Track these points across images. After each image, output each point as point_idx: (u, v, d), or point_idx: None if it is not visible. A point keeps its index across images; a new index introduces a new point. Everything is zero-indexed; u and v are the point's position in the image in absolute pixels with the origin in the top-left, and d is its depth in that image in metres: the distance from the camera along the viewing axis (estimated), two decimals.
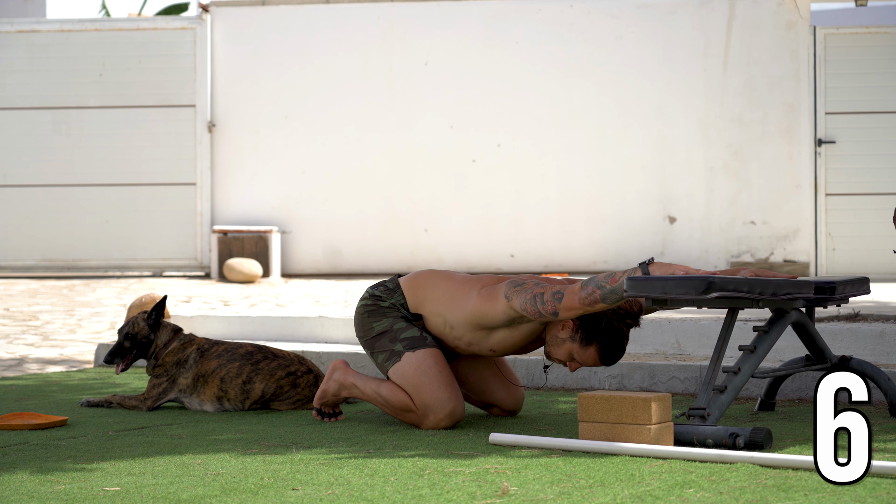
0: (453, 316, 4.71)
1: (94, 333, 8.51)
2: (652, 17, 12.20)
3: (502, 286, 4.60)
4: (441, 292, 4.77)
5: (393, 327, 4.78)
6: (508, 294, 4.55)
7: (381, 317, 4.81)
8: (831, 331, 5.80)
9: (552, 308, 4.44)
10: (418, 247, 12.37)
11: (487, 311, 4.62)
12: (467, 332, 4.71)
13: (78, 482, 3.79)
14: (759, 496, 3.39)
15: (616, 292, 4.32)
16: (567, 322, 4.57)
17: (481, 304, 4.64)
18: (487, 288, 4.66)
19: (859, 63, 11.89)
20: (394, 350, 4.75)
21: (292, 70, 12.48)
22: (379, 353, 4.79)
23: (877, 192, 11.84)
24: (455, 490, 3.57)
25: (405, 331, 4.76)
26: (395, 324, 4.78)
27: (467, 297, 4.69)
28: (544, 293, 4.47)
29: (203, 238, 12.48)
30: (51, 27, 12.57)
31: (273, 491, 3.61)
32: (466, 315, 4.67)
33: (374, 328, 4.81)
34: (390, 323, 4.79)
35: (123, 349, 5.47)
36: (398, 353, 4.74)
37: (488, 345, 4.72)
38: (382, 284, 4.88)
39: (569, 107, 12.25)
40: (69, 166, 12.54)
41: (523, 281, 4.58)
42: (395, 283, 4.86)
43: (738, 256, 12.10)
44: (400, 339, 4.75)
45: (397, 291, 4.83)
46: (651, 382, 5.74)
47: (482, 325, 4.66)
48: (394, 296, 4.82)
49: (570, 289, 4.43)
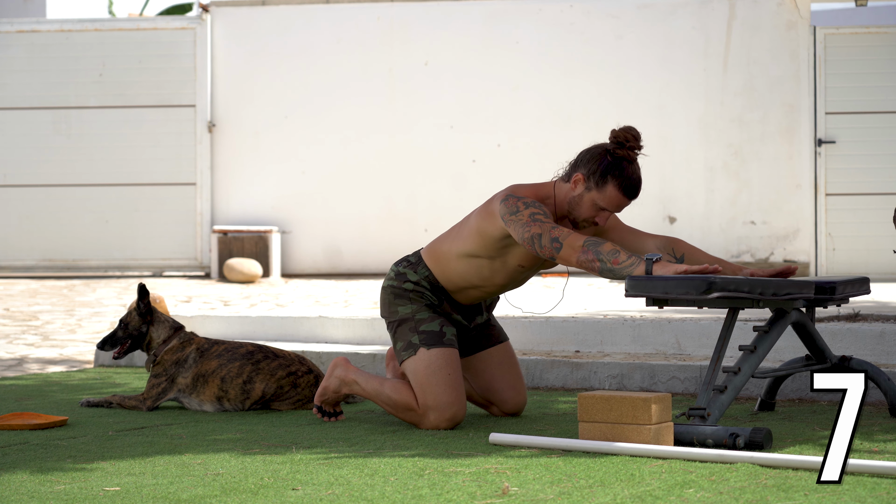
0: (466, 245, 4.78)
1: (94, 333, 8.51)
2: (652, 17, 12.20)
3: (496, 203, 4.66)
4: (451, 237, 4.85)
5: (415, 316, 4.82)
6: (504, 218, 4.61)
7: (406, 301, 4.86)
8: (831, 331, 5.80)
9: (549, 254, 4.51)
10: (418, 246, 12.36)
11: (488, 228, 4.70)
12: (488, 250, 4.73)
13: (78, 482, 3.79)
14: (759, 496, 3.39)
15: (614, 273, 4.36)
16: (575, 177, 4.62)
17: (481, 222, 4.72)
18: (483, 206, 4.72)
19: (859, 63, 11.89)
20: (411, 342, 4.79)
21: (292, 70, 12.48)
22: (398, 340, 4.84)
23: (877, 192, 11.84)
24: (455, 490, 3.57)
25: (426, 322, 4.80)
26: (418, 312, 4.82)
27: (468, 222, 4.78)
28: (542, 235, 4.51)
29: (203, 238, 12.48)
30: (51, 27, 12.57)
31: (273, 491, 3.61)
32: (473, 234, 4.74)
33: (398, 311, 4.86)
34: (414, 310, 4.83)
35: (116, 338, 5.50)
36: (414, 347, 4.78)
37: (515, 259, 4.74)
38: (406, 259, 4.94)
39: (569, 107, 12.25)
40: (69, 166, 12.54)
41: (516, 206, 4.60)
42: (417, 257, 4.92)
43: (738, 256, 12.11)
44: (419, 331, 4.79)
45: (420, 264, 4.89)
46: (651, 382, 5.74)
47: (491, 240, 4.70)
48: (418, 269, 4.88)
49: (569, 242, 4.45)
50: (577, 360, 5.95)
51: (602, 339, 6.34)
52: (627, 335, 6.29)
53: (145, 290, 5.46)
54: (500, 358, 5.05)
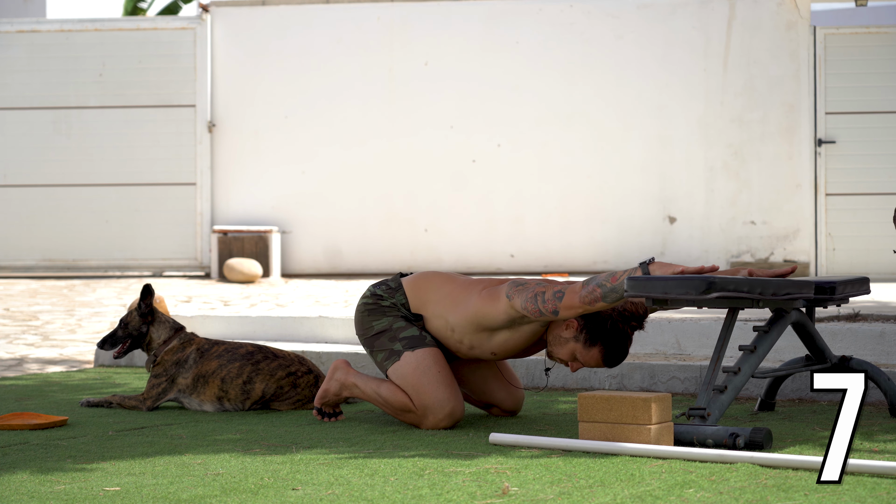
0: (455, 318, 4.71)
1: (94, 333, 8.51)
2: (652, 18, 12.20)
3: (504, 287, 4.61)
4: (444, 295, 4.77)
5: (392, 326, 4.78)
6: (510, 293, 4.56)
7: (380, 315, 4.81)
8: (831, 331, 5.80)
9: (553, 307, 4.45)
10: (418, 247, 12.37)
11: (489, 312, 4.63)
12: (469, 334, 4.71)
13: (78, 482, 3.79)
14: (759, 496, 3.39)
15: (616, 291, 4.33)
16: (571, 322, 4.57)
17: (482, 305, 4.64)
18: (489, 289, 4.66)
19: (859, 63, 11.89)
20: (393, 349, 4.75)
21: (292, 70, 12.48)
22: (378, 352, 4.80)
23: (877, 192, 11.84)
24: (455, 490, 3.57)
25: (404, 330, 4.76)
26: (394, 323, 4.79)
27: (469, 298, 4.70)
28: (545, 292, 4.47)
29: (203, 238, 12.48)
30: (51, 27, 12.57)
31: (273, 491, 3.61)
32: (468, 316, 4.67)
33: (373, 327, 4.82)
34: (390, 322, 4.79)
35: (116, 337, 5.51)
36: (397, 353, 4.74)
37: (490, 347, 4.72)
38: (385, 283, 4.88)
39: (568, 107, 12.25)
40: (69, 166, 12.54)
41: (525, 282, 4.60)
42: (397, 283, 4.86)
43: (738, 256, 12.11)
44: (399, 338, 4.75)
45: (399, 291, 4.83)
46: (651, 382, 5.74)
47: (483, 326, 4.67)
48: (395, 295, 4.82)
49: (572, 287, 4.44)
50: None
51: None
52: None
53: (150, 291, 5.47)
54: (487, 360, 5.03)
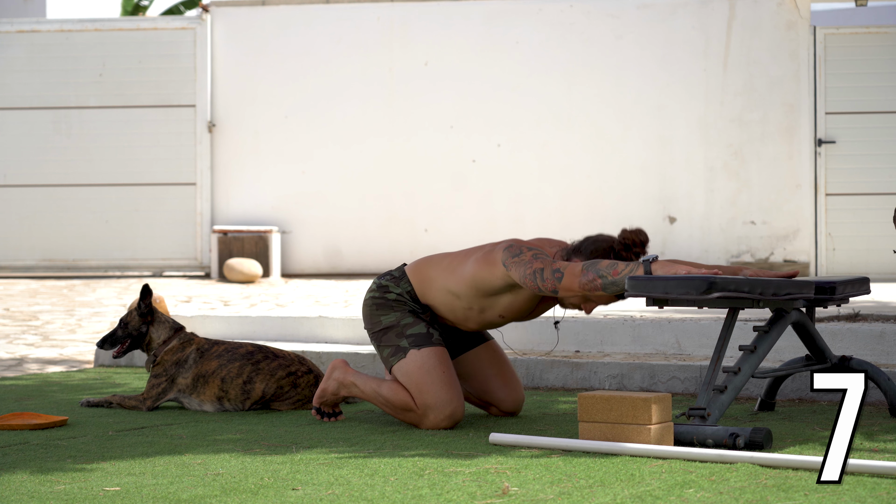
0: (457, 285, 4.75)
1: (94, 333, 8.51)
2: (652, 18, 12.19)
3: (498, 252, 4.65)
4: (442, 268, 4.82)
5: (400, 322, 4.80)
6: (506, 263, 4.59)
7: (388, 310, 4.84)
8: (831, 331, 5.80)
9: (552, 286, 4.48)
10: (418, 247, 12.37)
11: (485, 276, 4.67)
12: (473, 299, 4.74)
13: (78, 482, 3.79)
14: (759, 496, 3.39)
15: (617, 284, 4.35)
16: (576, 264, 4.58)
17: (479, 269, 4.69)
18: (483, 253, 4.70)
19: (859, 63, 11.89)
20: (399, 346, 4.77)
21: (292, 70, 12.48)
22: (385, 348, 4.82)
23: (877, 192, 11.84)
24: (455, 490, 3.57)
25: (412, 326, 4.79)
26: (402, 318, 4.81)
27: (465, 264, 4.75)
28: (544, 269, 4.49)
29: (203, 238, 12.48)
30: (51, 27, 12.57)
31: (273, 491, 3.61)
32: (467, 280, 4.72)
33: (381, 321, 4.84)
34: (398, 317, 4.81)
35: (116, 337, 5.52)
36: (403, 350, 4.76)
37: (497, 310, 4.75)
38: (389, 274, 4.93)
39: (568, 107, 12.25)
40: (69, 166, 12.54)
41: (520, 250, 4.60)
42: (400, 272, 4.91)
43: (738, 256, 12.11)
44: (406, 335, 4.77)
45: (403, 279, 4.87)
46: (651, 382, 5.74)
47: (483, 290, 4.70)
48: (400, 284, 4.86)
49: (570, 269, 4.44)
50: (577, 360, 5.95)
51: (602, 339, 6.34)
52: (627, 335, 6.29)
53: (148, 291, 5.47)
54: (489, 358, 5.04)
